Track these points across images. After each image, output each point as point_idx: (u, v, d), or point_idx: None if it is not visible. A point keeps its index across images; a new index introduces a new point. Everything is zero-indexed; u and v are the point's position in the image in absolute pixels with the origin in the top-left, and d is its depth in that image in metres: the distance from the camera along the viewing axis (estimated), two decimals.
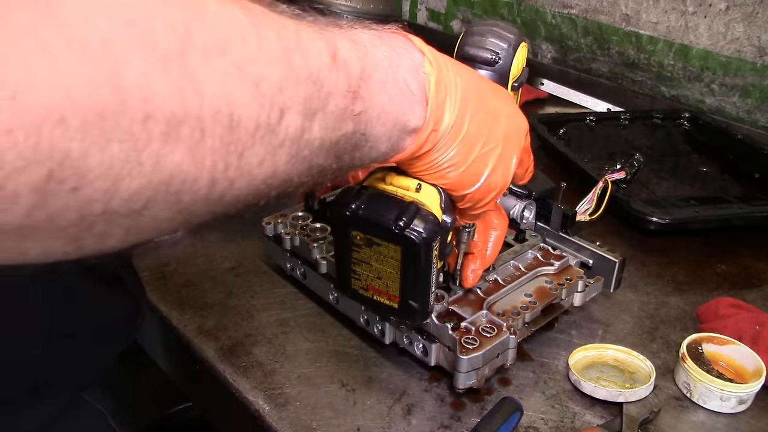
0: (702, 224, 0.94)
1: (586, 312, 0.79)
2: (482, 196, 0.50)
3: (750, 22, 1.24)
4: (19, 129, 0.23)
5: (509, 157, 0.50)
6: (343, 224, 0.50)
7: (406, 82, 0.41)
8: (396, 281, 0.51)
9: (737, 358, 0.69)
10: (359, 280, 0.53)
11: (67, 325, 0.60)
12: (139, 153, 0.26)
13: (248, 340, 0.73)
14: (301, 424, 0.63)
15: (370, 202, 0.48)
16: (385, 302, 0.53)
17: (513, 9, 1.66)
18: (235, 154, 0.30)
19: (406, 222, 0.46)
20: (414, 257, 0.48)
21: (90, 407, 0.66)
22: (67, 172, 0.25)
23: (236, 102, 0.29)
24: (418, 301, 0.52)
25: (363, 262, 0.51)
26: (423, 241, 0.47)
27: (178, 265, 0.86)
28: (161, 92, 0.26)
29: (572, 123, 1.27)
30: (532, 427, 0.63)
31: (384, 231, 0.47)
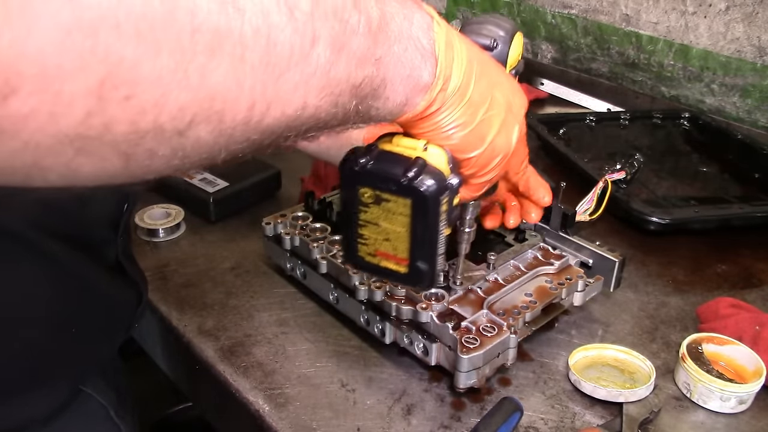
0: (702, 224, 0.94)
1: (586, 312, 0.79)
2: (487, 161, 0.50)
3: (750, 22, 1.24)
4: (78, 30, 0.24)
5: (511, 125, 0.51)
6: (351, 181, 0.49)
7: (419, 38, 0.42)
8: (405, 242, 0.51)
9: (737, 358, 0.69)
10: (366, 245, 0.52)
11: (70, 313, 0.60)
12: (186, 65, 0.27)
13: (248, 340, 0.73)
14: (301, 424, 0.63)
15: (379, 158, 0.48)
16: (392, 268, 0.53)
17: (513, 9, 1.66)
18: (272, 78, 0.31)
19: (415, 174, 0.47)
20: (423, 211, 0.48)
21: (93, 401, 0.66)
22: (120, 78, 0.26)
23: (273, 24, 0.30)
24: (427, 262, 0.51)
25: (371, 224, 0.51)
26: (431, 193, 0.47)
27: (178, 265, 0.86)
28: (206, 6, 0.27)
29: (572, 123, 1.27)
30: (532, 427, 0.63)
31: (393, 183, 0.48)
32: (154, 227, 0.90)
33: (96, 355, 0.66)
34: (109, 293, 0.65)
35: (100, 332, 0.65)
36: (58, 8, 0.23)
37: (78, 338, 0.61)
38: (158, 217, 0.92)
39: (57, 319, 0.59)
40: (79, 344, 0.62)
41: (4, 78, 0.23)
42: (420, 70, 0.42)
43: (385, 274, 0.54)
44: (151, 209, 0.94)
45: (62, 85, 0.25)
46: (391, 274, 0.53)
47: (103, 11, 0.24)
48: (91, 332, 0.63)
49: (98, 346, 0.66)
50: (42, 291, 0.57)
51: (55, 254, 0.57)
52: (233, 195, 0.96)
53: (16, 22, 0.23)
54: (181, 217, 0.93)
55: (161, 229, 0.91)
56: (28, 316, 0.57)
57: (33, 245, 0.56)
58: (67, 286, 0.59)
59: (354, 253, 0.54)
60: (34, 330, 0.57)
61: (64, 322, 0.60)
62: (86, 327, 0.62)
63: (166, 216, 0.92)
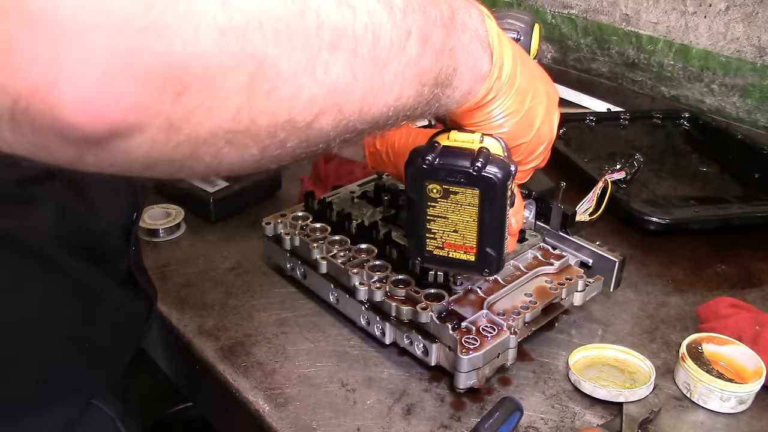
0: (702, 224, 0.94)
1: (586, 312, 0.79)
2: (535, 147, 0.54)
3: (750, 22, 1.24)
4: (231, 31, 0.27)
5: (553, 113, 0.55)
6: (419, 178, 0.52)
7: (476, 29, 0.45)
8: (473, 231, 0.53)
9: (737, 358, 0.69)
10: (434, 239, 0.55)
11: (85, 328, 0.60)
12: (314, 60, 0.30)
13: (248, 340, 0.73)
14: (301, 424, 0.63)
15: (444, 153, 0.51)
16: (461, 257, 0.55)
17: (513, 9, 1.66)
18: (378, 69, 0.34)
19: (482, 164, 0.49)
20: (492, 198, 0.51)
21: (100, 413, 0.65)
22: (264, 75, 0.29)
23: (377, 20, 0.33)
24: (496, 248, 0.54)
25: (439, 218, 0.53)
26: (500, 180, 0.50)
27: (178, 265, 0.86)
28: (326, 5, 0.30)
29: (572, 123, 1.27)
30: (532, 427, 0.63)
31: (462, 175, 0.50)
32: (154, 227, 0.90)
33: (109, 369, 0.65)
34: (122, 306, 0.64)
35: (112, 345, 0.64)
36: (215, 12, 0.26)
37: (92, 352, 0.61)
38: (158, 217, 0.92)
39: (72, 334, 0.58)
40: (92, 358, 0.61)
41: (178, 77, 0.26)
42: (481, 59, 0.45)
43: (453, 265, 0.57)
44: (151, 209, 0.94)
45: (221, 82, 0.28)
46: (459, 263, 0.56)
47: (249, 14, 0.27)
48: (104, 346, 0.63)
49: (111, 359, 0.65)
50: (58, 307, 0.57)
51: (70, 269, 0.57)
52: (233, 195, 0.96)
53: (184, 25, 0.26)
54: (181, 217, 0.93)
55: (161, 229, 0.91)
56: (44, 332, 0.56)
57: (49, 261, 0.55)
58: (82, 300, 0.59)
59: (422, 248, 0.56)
60: (50, 346, 0.57)
61: (79, 337, 0.59)
62: (100, 341, 0.62)
63: (166, 216, 0.92)
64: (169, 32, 0.25)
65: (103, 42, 0.24)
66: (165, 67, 0.26)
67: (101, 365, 0.64)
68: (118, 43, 0.25)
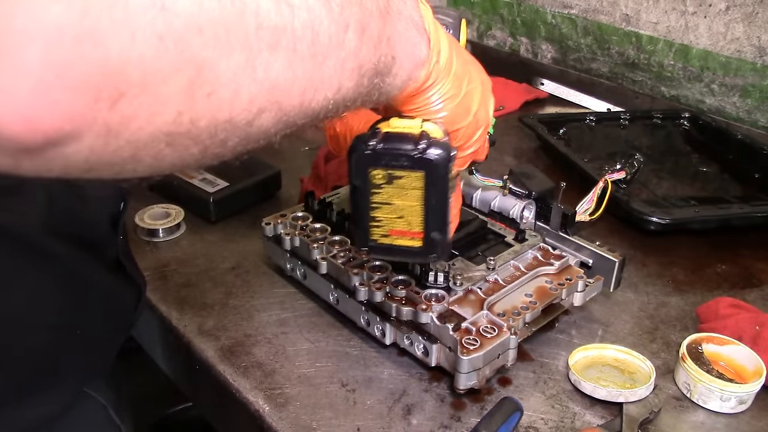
0: (702, 224, 0.94)
1: (586, 312, 0.79)
2: (473, 132, 0.56)
3: (750, 22, 1.24)
4: (170, 36, 0.27)
5: (487, 98, 0.57)
6: (363, 165, 0.52)
7: (412, 16, 0.45)
8: (418, 216, 0.54)
9: (737, 358, 0.69)
10: (380, 227, 0.55)
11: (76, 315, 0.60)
12: (253, 61, 0.31)
13: (248, 340, 0.73)
14: (301, 424, 0.63)
15: (386, 139, 0.51)
16: (408, 244, 0.55)
17: (513, 9, 1.66)
18: (318, 65, 0.35)
19: (425, 146, 0.50)
20: (435, 180, 0.51)
21: (93, 401, 0.66)
22: (204, 78, 0.29)
23: (316, 17, 0.34)
24: (442, 231, 0.55)
25: (383, 204, 0.53)
26: (442, 161, 0.50)
27: (178, 265, 0.86)
28: (265, 5, 0.30)
29: (572, 123, 1.27)
30: (532, 427, 0.63)
31: (405, 159, 0.51)
32: (154, 227, 0.90)
33: (101, 356, 0.66)
34: (112, 293, 0.65)
35: (104, 333, 0.65)
36: (153, 18, 0.26)
37: (83, 340, 0.61)
38: (158, 217, 0.92)
39: (64, 321, 0.59)
40: (84, 346, 0.62)
41: (115, 84, 0.26)
42: (419, 45, 0.46)
43: (399, 253, 0.56)
44: (151, 209, 0.94)
45: (160, 87, 0.28)
46: (405, 251, 0.56)
47: (188, 18, 0.27)
48: (95, 333, 0.63)
49: (103, 346, 0.66)
50: (49, 294, 0.57)
51: (61, 256, 0.57)
52: (233, 195, 0.96)
53: (121, 32, 0.25)
54: (181, 217, 0.93)
55: (161, 229, 0.91)
56: (36, 320, 0.57)
57: (41, 248, 0.56)
58: (73, 288, 0.59)
59: (367, 237, 0.56)
60: (42, 334, 0.57)
61: (71, 324, 0.59)
62: (91, 328, 0.62)
63: (166, 216, 0.92)
64: (105, 39, 0.25)
65: (37, 53, 0.24)
66: (101, 75, 0.26)
67: (93, 352, 0.64)
68: (53, 53, 0.24)
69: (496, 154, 1.20)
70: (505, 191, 0.81)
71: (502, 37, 1.72)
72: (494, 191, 0.83)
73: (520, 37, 1.67)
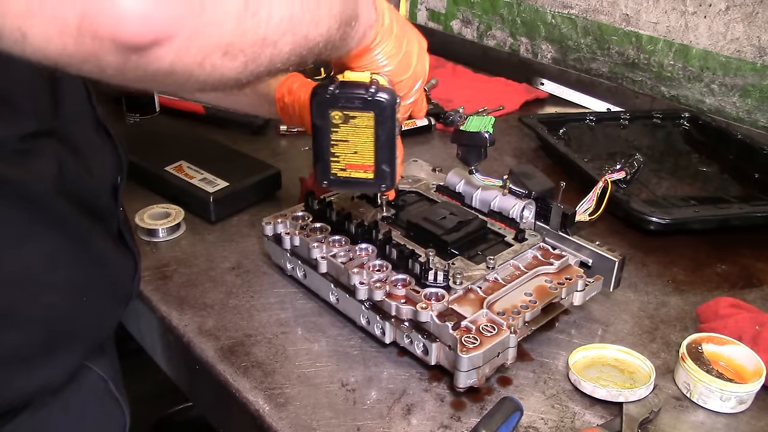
0: (702, 224, 0.94)
1: (586, 312, 0.79)
2: (413, 83, 0.67)
3: (750, 22, 1.24)
4: None
5: (423, 56, 0.68)
6: (323, 107, 0.62)
7: None
8: (370, 150, 0.64)
9: (737, 358, 0.69)
10: (338, 162, 0.65)
11: (85, 279, 0.62)
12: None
13: (248, 340, 0.73)
14: (301, 424, 0.63)
15: (342, 86, 0.62)
16: (362, 176, 0.66)
17: (513, 9, 1.66)
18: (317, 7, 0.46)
19: (375, 91, 0.61)
20: (384, 119, 0.62)
21: (93, 374, 0.68)
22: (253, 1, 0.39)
23: None
24: (389, 164, 0.65)
25: (341, 142, 0.64)
26: (390, 102, 0.62)
27: (178, 265, 0.86)
28: None
29: (572, 123, 1.27)
30: (532, 427, 0.63)
31: (359, 101, 0.61)
32: (154, 227, 0.90)
33: (104, 325, 0.67)
34: (116, 262, 0.67)
35: (107, 301, 0.66)
36: None
37: (90, 306, 0.63)
38: (158, 217, 0.92)
39: (74, 284, 0.60)
40: (91, 312, 0.63)
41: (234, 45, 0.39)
42: (370, 10, 0.58)
43: (355, 184, 0.67)
44: (151, 209, 0.94)
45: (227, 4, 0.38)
46: (360, 182, 0.66)
47: None
48: (100, 300, 0.65)
49: (106, 315, 0.67)
50: (63, 257, 0.59)
51: (73, 220, 0.60)
52: (233, 195, 0.96)
53: None
54: (181, 217, 0.93)
55: (161, 229, 0.91)
56: (49, 281, 0.58)
57: (56, 210, 0.58)
58: (83, 252, 0.61)
59: (328, 172, 0.66)
60: (54, 295, 0.59)
61: (80, 288, 0.61)
62: (98, 295, 0.64)
63: (166, 216, 0.92)
64: None
65: None
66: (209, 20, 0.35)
67: (98, 319, 0.66)
68: None
69: (496, 154, 1.20)
70: (505, 191, 0.81)
71: (502, 37, 1.72)
72: (494, 191, 0.83)
73: (520, 37, 1.67)
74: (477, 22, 1.77)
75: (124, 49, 0.34)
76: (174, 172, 0.99)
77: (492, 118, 0.76)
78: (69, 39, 0.33)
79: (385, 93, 0.61)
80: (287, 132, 1.24)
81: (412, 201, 0.88)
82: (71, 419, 0.65)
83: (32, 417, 0.61)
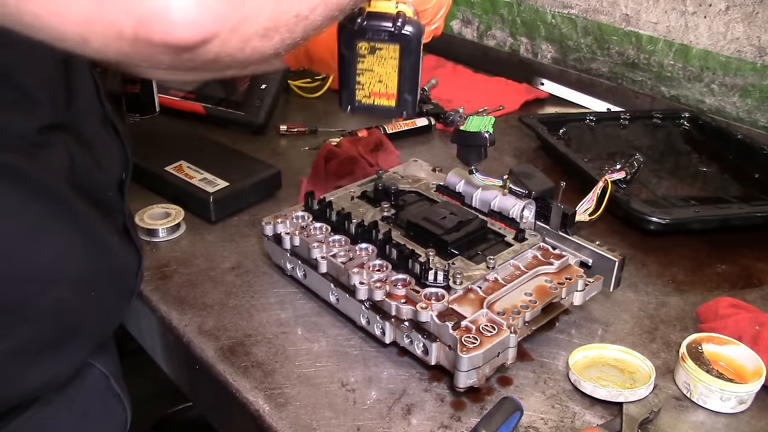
0: (702, 224, 0.94)
1: (586, 312, 0.79)
2: (437, 11, 0.70)
3: (750, 22, 1.24)
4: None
5: None
6: (350, 38, 0.63)
7: None
8: (394, 80, 0.66)
9: (737, 358, 0.69)
10: (363, 89, 0.67)
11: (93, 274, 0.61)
12: None
13: (248, 340, 0.73)
14: (301, 424, 0.63)
15: (369, 17, 0.62)
16: (384, 103, 0.68)
17: (513, 9, 1.66)
18: None
19: (402, 24, 0.62)
20: (409, 52, 0.63)
21: (95, 370, 0.68)
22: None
23: None
24: (411, 93, 0.67)
25: (366, 71, 0.65)
26: (415, 35, 0.63)
27: (178, 265, 0.86)
28: None
29: (572, 123, 1.27)
30: (532, 427, 0.63)
31: (385, 34, 0.62)
32: (154, 227, 0.90)
33: (110, 321, 0.67)
34: (122, 257, 0.67)
35: (113, 296, 0.66)
36: None
37: (98, 301, 0.62)
38: (158, 217, 0.92)
39: (83, 279, 0.60)
40: (98, 307, 0.63)
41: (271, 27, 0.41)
42: None
43: (378, 110, 0.68)
44: (151, 209, 0.94)
45: None
46: (383, 109, 0.68)
47: None
48: (106, 295, 0.64)
49: (112, 311, 0.67)
50: (73, 250, 0.59)
51: (82, 214, 0.59)
52: (233, 195, 0.96)
53: None
54: (181, 217, 0.93)
55: (161, 229, 0.91)
56: (60, 276, 0.58)
57: (69, 204, 0.58)
58: (93, 247, 0.61)
59: (353, 99, 0.68)
60: (65, 289, 0.58)
61: (88, 282, 0.61)
62: (105, 290, 0.63)
63: (166, 216, 0.92)
64: None
65: None
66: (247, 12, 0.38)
67: (105, 314, 0.65)
68: None
69: (496, 154, 1.20)
70: (505, 191, 0.81)
71: (502, 37, 1.72)
72: (494, 191, 0.83)
73: (520, 37, 1.67)
74: (477, 22, 1.77)
75: (175, 50, 0.38)
76: (174, 172, 0.99)
77: (492, 118, 0.77)
78: (125, 44, 0.36)
79: (410, 26, 0.62)
80: (287, 132, 1.25)
81: (412, 201, 0.88)
82: (75, 415, 0.65)
83: (39, 412, 0.61)
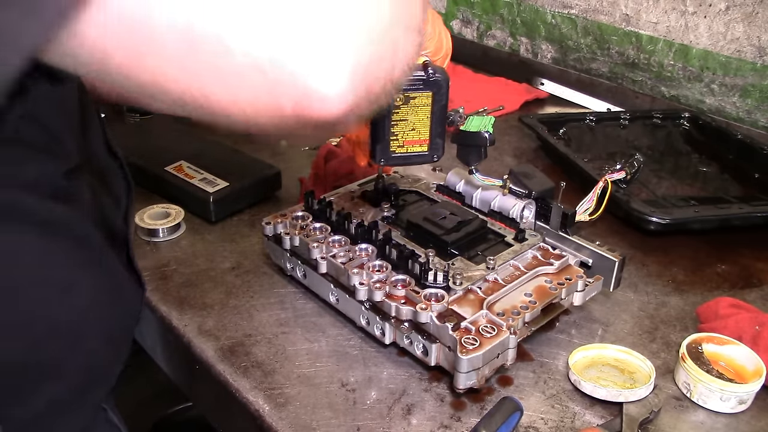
0: (702, 224, 0.94)
1: (586, 312, 0.79)
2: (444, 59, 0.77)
3: (750, 22, 1.24)
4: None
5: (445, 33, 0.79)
6: None
7: None
8: (426, 126, 0.71)
9: (737, 358, 0.69)
10: (397, 140, 0.71)
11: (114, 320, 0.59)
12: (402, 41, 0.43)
13: (248, 340, 0.73)
14: (301, 424, 0.63)
15: None
16: (418, 150, 0.72)
17: (513, 9, 1.66)
18: None
19: (432, 72, 0.68)
20: (440, 97, 0.69)
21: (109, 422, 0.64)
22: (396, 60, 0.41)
23: None
24: (441, 137, 0.72)
25: (401, 121, 0.70)
26: (445, 81, 0.69)
27: (178, 265, 0.86)
28: None
29: (572, 123, 1.27)
30: (532, 427, 0.63)
31: (419, 82, 0.68)
32: (154, 227, 0.90)
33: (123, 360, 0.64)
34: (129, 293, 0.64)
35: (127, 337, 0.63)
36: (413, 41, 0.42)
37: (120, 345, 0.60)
38: (158, 217, 0.92)
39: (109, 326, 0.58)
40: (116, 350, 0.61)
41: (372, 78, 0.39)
42: None
43: (411, 159, 0.73)
44: (151, 209, 0.94)
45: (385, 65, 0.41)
46: (416, 156, 0.73)
47: None
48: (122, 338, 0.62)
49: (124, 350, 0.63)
50: (102, 297, 0.56)
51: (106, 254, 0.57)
52: (233, 195, 0.96)
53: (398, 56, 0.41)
54: (181, 217, 0.93)
55: (161, 229, 0.91)
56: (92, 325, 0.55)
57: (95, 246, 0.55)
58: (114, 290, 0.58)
59: (387, 151, 0.71)
60: (95, 340, 0.56)
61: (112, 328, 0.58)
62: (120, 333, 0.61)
63: (166, 216, 0.92)
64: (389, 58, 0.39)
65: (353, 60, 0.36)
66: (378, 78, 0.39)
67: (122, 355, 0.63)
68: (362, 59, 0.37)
69: (496, 154, 1.20)
70: (505, 191, 0.81)
71: (502, 37, 1.72)
72: (494, 191, 0.83)
73: (520, 37, 1.67)
74: (477, 22, 1.77)
75: (320, 126, 0.39)
76: (174, 172, 0.99)
77: (492, 118, 0.77)
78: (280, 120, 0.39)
79: (439, 73, 0.68)
80: None
81: (412, 201, 0.88)
82: None
83: None
